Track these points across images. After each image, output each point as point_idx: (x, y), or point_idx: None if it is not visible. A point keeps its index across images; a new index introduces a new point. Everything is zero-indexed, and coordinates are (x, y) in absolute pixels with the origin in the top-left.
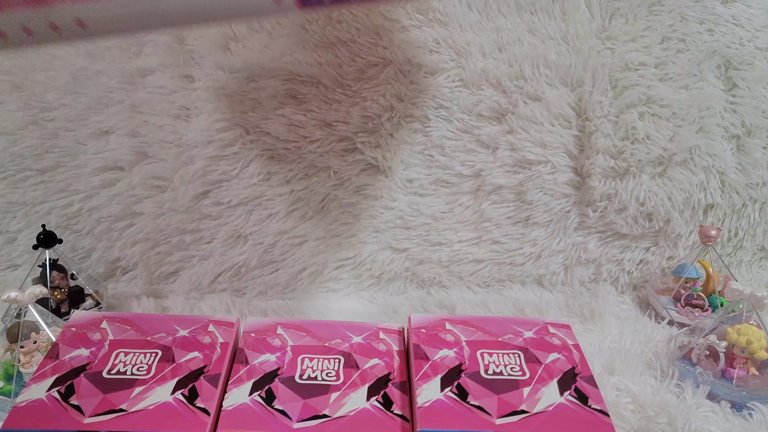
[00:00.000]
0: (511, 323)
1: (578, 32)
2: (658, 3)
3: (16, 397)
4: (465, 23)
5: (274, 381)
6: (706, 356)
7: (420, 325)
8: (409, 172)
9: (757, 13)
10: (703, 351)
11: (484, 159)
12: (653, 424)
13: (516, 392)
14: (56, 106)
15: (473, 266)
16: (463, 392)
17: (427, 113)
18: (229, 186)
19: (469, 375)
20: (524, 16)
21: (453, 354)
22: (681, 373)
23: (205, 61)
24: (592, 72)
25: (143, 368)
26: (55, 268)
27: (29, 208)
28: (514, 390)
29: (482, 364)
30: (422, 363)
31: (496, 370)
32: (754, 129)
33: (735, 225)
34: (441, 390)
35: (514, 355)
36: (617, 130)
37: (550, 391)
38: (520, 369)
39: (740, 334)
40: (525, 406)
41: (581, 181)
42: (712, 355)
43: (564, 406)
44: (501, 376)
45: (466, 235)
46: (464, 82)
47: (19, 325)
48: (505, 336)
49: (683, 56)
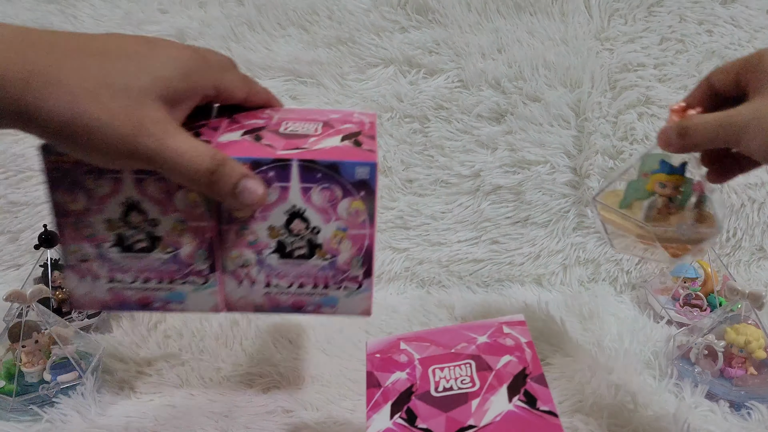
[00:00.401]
0: (465, 330)
1: (577, 33)
2: (657, 4)
3: (17, 396)
4: (464, 24)
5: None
6: (705, 356)
7: (375, 350)
8: (408, 172)
9: (755, 14)
10: (702, 351)
11: (483, 159)
12: (653, 423)
13: (465, 407)
14: None
15: (473, 266)
16: (412, 416)
17: (426, 114)
18: None
19: (419, 396)
20: (523, 18)
21: (405, 376)
22: (680, 372)
23: None
24: (591, 73)
25: (467, 381)
26: (56, 268)
27: (31, 208)
28: (462, 405)
29: (433, 381)
30: (374, 391)
31: (447, 386)
32: None
33: (734, 225)
34: (390, 417)
35: (466, 365)
36: (616, 131)
37: (499, 400)
38: (470, 380)
39: (739, 333)
40: (473, 421)
41: (580, 182)
42: (710, 354)
43: (512, 413)
44: (451, 391)
45: (465, 235)
46: (464, 82)
47: (21, 325)
48: (459, 346)
49: (682, 57)
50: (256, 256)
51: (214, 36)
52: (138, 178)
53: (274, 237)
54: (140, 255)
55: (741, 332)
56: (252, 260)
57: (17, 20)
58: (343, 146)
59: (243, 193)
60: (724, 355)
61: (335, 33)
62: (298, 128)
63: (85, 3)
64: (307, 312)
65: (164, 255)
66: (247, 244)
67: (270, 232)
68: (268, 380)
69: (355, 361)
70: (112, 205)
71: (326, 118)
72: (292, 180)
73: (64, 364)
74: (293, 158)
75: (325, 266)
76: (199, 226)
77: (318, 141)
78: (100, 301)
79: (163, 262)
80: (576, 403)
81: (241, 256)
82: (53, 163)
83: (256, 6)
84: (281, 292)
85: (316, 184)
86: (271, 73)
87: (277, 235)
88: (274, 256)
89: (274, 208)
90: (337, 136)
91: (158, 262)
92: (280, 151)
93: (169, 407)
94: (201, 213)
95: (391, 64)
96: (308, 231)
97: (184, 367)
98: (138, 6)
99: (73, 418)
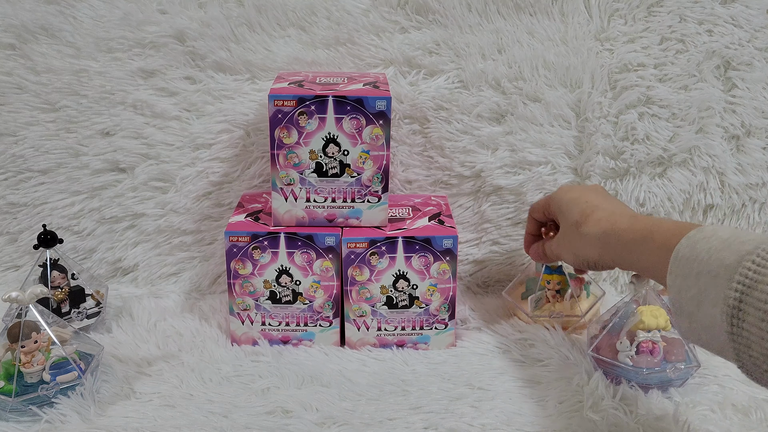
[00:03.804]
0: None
1: (577, 33)
2: (656, 4)
3: (16, 396)
4: (465, 25)
5: None
6: (638, 353)
7: None
8: (408, 173)
9: (755, 14)
10: (632, 348)
11: (483, 160)
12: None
13: (402, 223)
14: (58, 107)
15: (473, 267)
16: None
17: (426, 114)
18: (230, 188)
19: None
20: (523, 18)
21: None
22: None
23: (206, 63)
24: (591, 73)
25: (404, 213)
26: (55, 268)
27: (30, 209)
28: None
29: None
30: None
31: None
32: (754, 129)
33: (734, 225)
34: None
35: (405, 208)
36: (617, 131)
37: (422, 221)
38: (407, 214)
39: (655, 316)
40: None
41: (581, 182)
42: (645, 350)
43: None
44: None
45: (465, 236)
46: (464, 83)
47: (20, 325)
48: (401, 201)
49: (682, 57)
50: (299, 175)
51: (213, 36)
52: None
53: (313, 159)
54: (332, 179)
55: (654, 314)
56: (296, 178)
57: (17, 20)
58: (365, 88)
59: None
60: (640, 344)
61: (334, 34)
62: (330, 80)
63: (84, 3)
64: (338, 224)
65: None
66: (293, 165)
67: (311, 155)
68: (268, 380)
69: (355, 361)
70: (317, 139)
71: (349, 74)
72: (329, 112)
73: (64, 364)
74: (329, 95)
75: (352, 182)
76: None
77: (346, 86)
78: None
79: None
80: (576, 403)
81: (288, 176)
82: None
83: (255, 6)
84: (318, 206)
85: (346, 115)
86: (270, 74)
87: (316, 158)
88: (314, 175)
89: (314, 135)
90: (359, 83)
91: None
92: (319, 92)
93: (168, 407)
94: None
95: (391, 64)
96: (340, 153)
97: (184, 367)
98: (137, 6)
99: (73, 418)
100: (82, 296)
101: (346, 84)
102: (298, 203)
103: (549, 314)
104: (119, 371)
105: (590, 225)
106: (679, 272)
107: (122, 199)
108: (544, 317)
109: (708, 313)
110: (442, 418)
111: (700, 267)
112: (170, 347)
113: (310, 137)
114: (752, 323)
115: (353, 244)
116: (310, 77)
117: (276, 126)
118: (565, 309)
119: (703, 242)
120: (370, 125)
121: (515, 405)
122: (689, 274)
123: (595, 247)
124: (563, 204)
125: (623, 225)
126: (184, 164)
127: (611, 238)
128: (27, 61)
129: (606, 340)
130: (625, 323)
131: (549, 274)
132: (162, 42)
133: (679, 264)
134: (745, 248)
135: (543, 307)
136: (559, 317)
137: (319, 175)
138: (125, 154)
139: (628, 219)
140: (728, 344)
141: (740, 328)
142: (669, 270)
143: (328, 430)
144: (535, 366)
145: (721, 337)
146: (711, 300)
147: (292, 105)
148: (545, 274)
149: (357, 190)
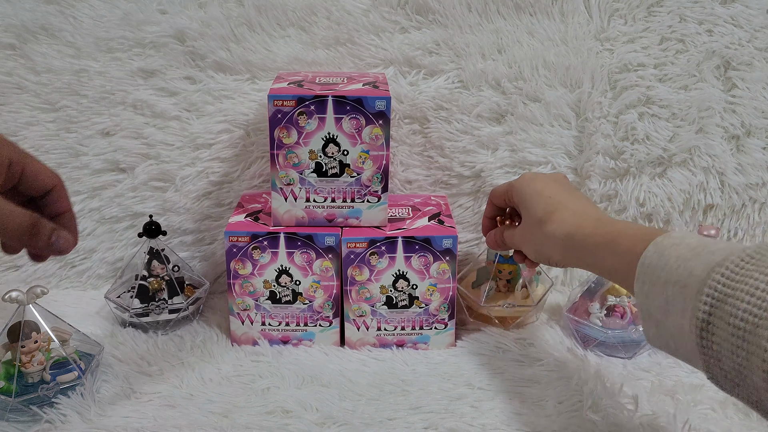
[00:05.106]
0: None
1: (577, 33)
2: (656, 4)
3: (16, 396)
4: (465, 25)
5: None
6: (607, 315)
7: None
8: (408, 173)
9: (755, 14)
10: (602, 311)
11: (483, 160)
12: (653, 423)
13: (401, 222)
14: (58, 107)
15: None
16: None
17: (426, 114)
18: (230, 188)
19: None
20: (523, 18)
21: None
22: None
23: (206, 63)
24: (591, 73)
25: (403, 213)
26: (157, 258)
27: None
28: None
29: None
30: None
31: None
32: (754, 129)
33: (734, 225)
34: None
35: (405, 208)
36: (617, 131)
37: (422, 221)
38: (407, 213)
39: None
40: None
41: (581, 182)
42: (614, 312)
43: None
44: None
45: (465, 236)
46: (464, 83)
47: (20, 325)
48: (400, 201)
49: (682, 57)
50: (299, 175)
51: (213, 36)
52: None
53: (313, 159)
54: (331, 179)
55: None
56: (295, 178)
57: (16, 20)
58: (365, 88)
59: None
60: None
61: (334, 34)
62: (329, 80)
63: (84, 3)
64: (338, 223)
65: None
66: (292, 165)
67: (310, 155)
68: (268, 380)
69: (355, 361)
70: (316, 139)
71: (348, 74)
72: (328, 112)
73: (64, 364)
74: (329, 95)
75: (352, 182)
76: None
77: (345, 85)
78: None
79: None
80: (576, 403)
81: (287, 176)
82: None
83: (255, 6)
84: (318, 206)
85: (346, 115)
86: (270, 74)
87: (315, 157)
88: (313, 175)
89: (314, 135)
90: (359, 83)
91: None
92: (318, 92)
93: (168, 407)
94: None
95: (391, 64)
96: (339, 153)
97: (184, 367)
98: (137, 6)
99: (73, 418)
100: (177, 289)
101: (346, 84)
102: (298, 203)
103: (501, 304)
104: (119, 371)
105: (554, 224)
106: (647, 279)
107: (122, 199)
108: (498, 307)
109: (676, 322)
110: (442, 418)
111: (668, 276)
112: (170, 348)
113: (309, 137)
114: (723, 337)
115: (353, 244)
116: (310, 77)
117: (276, 126)
118: (517, 299)
119: (671, 249)
120: (370, 125)
121: (515, 405)
122: (657, 282)
123: (558, 248)
124: (526, 197)
125: (588, 228)
126: (184, 164)
127: (575, 241)
128: (27, 61)
129: (581, 303)
130: (600, 289)
131: (501, 263)
132: (162, 42)
133: (646, 271)
134: (714, 259)
135: (494, 296)
136: (511, 307)
137: (318, 175)
138: (125, 154)
139: (593, 222)
140: (697, 355)
141: (710, 341)
142: (636, 276)
143: (328, 430)
144: (534, 366)
145: (690, 346)
146: (679, 310)
147: (291, 105)
148: (498, 263)
149: (357, 190)
